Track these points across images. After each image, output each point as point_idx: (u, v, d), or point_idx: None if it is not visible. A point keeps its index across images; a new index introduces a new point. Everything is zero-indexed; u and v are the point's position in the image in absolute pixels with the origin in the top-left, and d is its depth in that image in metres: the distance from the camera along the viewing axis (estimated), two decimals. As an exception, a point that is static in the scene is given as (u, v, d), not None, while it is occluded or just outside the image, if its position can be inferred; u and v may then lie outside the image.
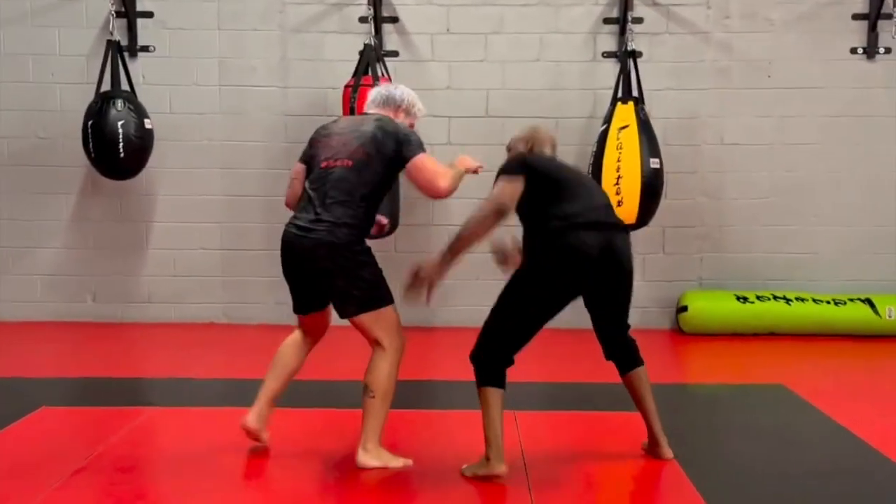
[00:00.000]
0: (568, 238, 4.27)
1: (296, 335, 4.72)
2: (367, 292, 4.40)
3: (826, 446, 4.94)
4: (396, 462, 4.50)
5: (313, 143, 4.71)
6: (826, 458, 4.74)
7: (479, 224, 4.35)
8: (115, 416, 5.26)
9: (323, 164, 4.53)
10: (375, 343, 4.46)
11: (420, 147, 4.47)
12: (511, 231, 4.57)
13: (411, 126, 4.70)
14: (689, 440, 4.87)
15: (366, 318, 4.41)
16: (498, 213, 4.33)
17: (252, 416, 4.62)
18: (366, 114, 4.72)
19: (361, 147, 4.44)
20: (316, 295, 4.56)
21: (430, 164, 4.44)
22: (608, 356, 4.68)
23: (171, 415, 5.36)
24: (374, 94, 4.74)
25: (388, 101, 4.68)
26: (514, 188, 4.35)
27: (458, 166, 4.59)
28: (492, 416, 4.35)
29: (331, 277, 4.38)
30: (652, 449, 4.66)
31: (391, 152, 4.43)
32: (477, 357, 4.42)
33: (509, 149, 4.83)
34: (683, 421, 5.23)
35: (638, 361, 4.64)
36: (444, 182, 4.41)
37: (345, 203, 4.40)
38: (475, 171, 4.70)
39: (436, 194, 4.45)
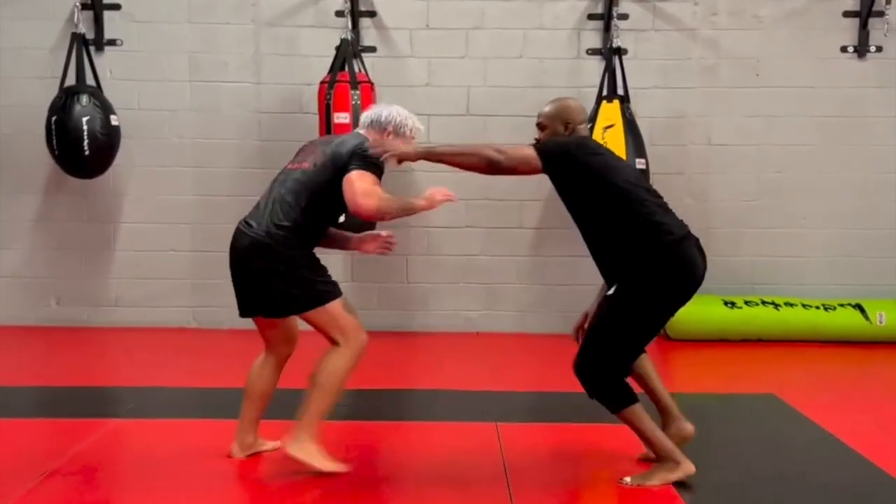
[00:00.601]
0: (686, 253, 4.19)
1: (259, 357, 4.57)
2: (308, 290, 4.28)
3: (821, 460, 4.72)
4: (325, 465, 4.28)
5: (298, 151, 4.63)
6: (822, 473, 4.51)
7: (467, 156, 4.17)
8: (74, 428, 4.97)
9: (287, 167, 4.50)
10: (333, 342, 4.35)
11: (366, 166, 4.27)
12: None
13: None
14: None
15: (315, 317, 4.30)
16: (490, 164, 4.11)
17: (236, 448, 4.54)
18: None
19: (322, 153, 4.39)
20: (253, 296, 4.35)
21: (361, 181, 4.24)
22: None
23: (136, 427, 5.07)
24: (363, 115, 4.63)
25: (374, 124, 4.53)
26: (530, 161, 4.11)
27: (425, 200, 4.37)
28: (650, 427, 4.19)
29: (266, 278, 4.27)
30: (671, 428, 4.45)
31: (342, 164, 4.30)
32: (601, 387, 4.17)
33: (542, 126, 4.46)
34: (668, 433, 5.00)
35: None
36: (365, 200, 4.20)
37: (290, 205, 4.30)
38: (449, 201, 4.44)
39: (355, 210, 4.25)
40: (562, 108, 4.44)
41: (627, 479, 4.21)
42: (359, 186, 4.21)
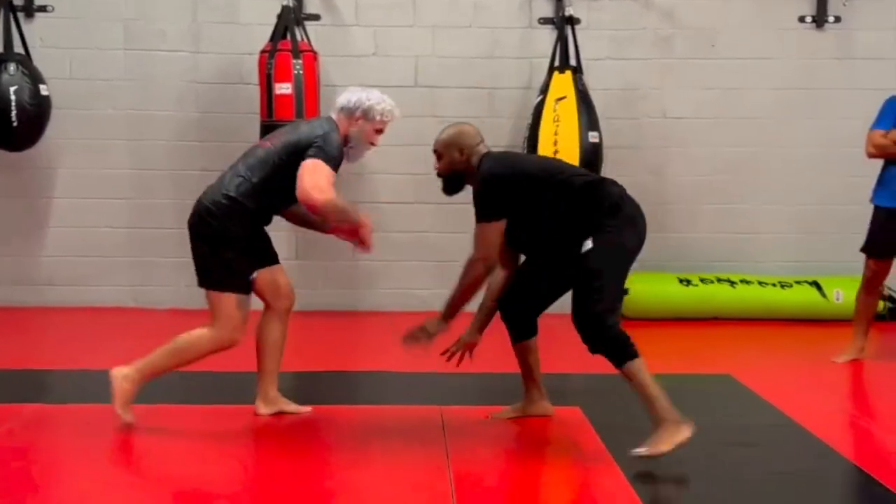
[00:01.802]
0: (633, 204, 4.37)
1: (263, 312, 4.65)
2: (215, 271, 4.40)
3: (777, 443, 4.51)
4: (121, 407, 4.41)
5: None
6: (779, 457, 4.32)
7: (468, 287, 4.41)
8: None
9: (254, 144, 4.69)
10: (211, 321, 4.45)
11: (324, 157, 4.30)
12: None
13: (379, 132, 4.56)
14: (628, 438, 4.43)
15: (209, 295, 4.44)
16: (488, 271, 4.37)
17: (260, 404, 4.67)
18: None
19: (288, 134, 4.46)
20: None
21: (315, 172, 4.27)
22: (519, 321, 4.66)
23: (60, 412, 4.77)
24: (337, 99, 4.62)
25: (343, 109, 4.53)
26: (497, 234, 4.29)
27: (351, 210, 4.38)
28: (656, 384, 4.13)
29: (200, 241, 4.43)
30: (534, 406, 4.69)
31: (303, 148, 4.34)
32: (608, 339, 4.14)
33: (438, 154, 4.51)
34: (623, 416, 4.79)
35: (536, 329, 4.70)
36: (316, 194, 4.24)
37: (243, 178, 4.39)
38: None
39: (303, 198, 4.27)
40: (455, 134, 4.49)
41: (640, 449, 4.03)
42: (312, 178, 4.24)
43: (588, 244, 4.20)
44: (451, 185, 4.52)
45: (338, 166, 4.39)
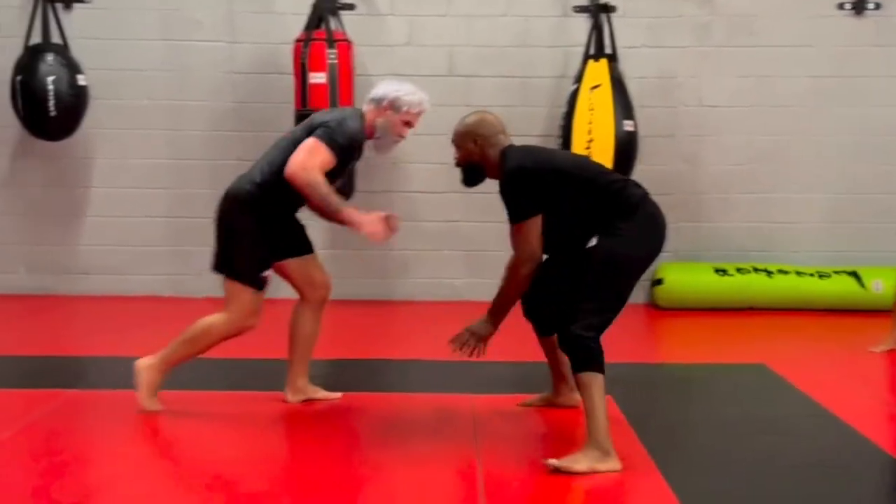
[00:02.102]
0: (653, 210, 4.19)
1: (296, 304, 4.66)
2: (235, 259, 4.39)
3: (811, 433, 4.46)
4: (146, 398, 4.45)
5: None
6: (811, 448, 4.27)
7: (515, 289, 4.28)
8: (25, 399, 4.72)
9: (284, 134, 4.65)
10: (225, 306, 4.46)
11: (327, 140, 4.30)
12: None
13: (407, 125, 4.54)
14: (660, 427, 4.44)
15: (224, 284, 4.44)
16: (532, 271, 4.23)
17: (289, 393, 4.68)
18: None
19: (309, 120, 4.50)
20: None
21: (310, 152, 4.28)
22: (542, 316, 4.57)
23: (95, 398, 4.82)
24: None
25: (372, 100, 4.53)
26: (536, 230, 4.17)
27: (335, 203, 4.32)
28: (603, 405, 3.96)
29: (218, 227, 4.45)
30: (561, 397, 4.66)
31: (314, 129, 4.38)
32: (579, 337, 3.99)
33: (456, 145, 4.39)
34: (656, 405, 4.80)
35: None
36: (300, 171, 4.25)
37: (269, 164, 4.41)
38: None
39: (288, 172, 4.28)
40: (471, 124, 4.35)
41: (553, 460, 3.89)
42: (304, 157, 4.25)
43: (594, 241, 4.19)
44: (469, 176, 4.40)
45: (343, 155, 4.34)
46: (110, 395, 4.83)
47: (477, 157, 4.32)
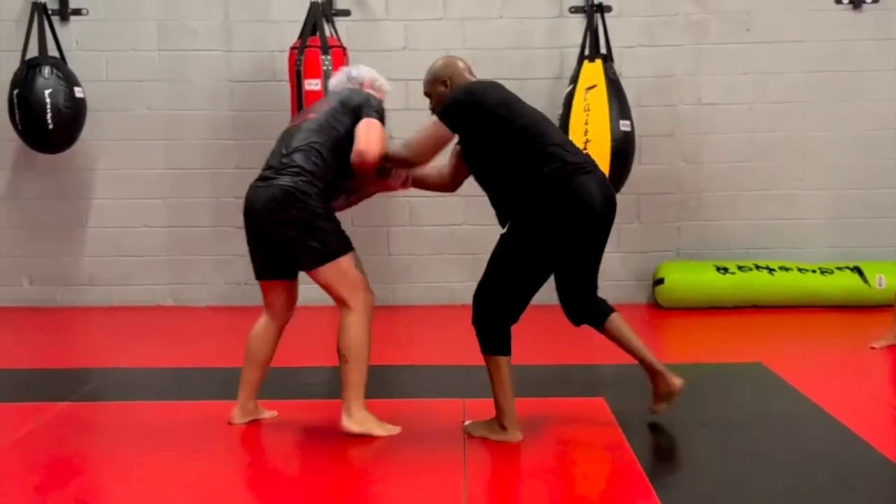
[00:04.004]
0: (571, 183, 4.06)
1: (261, 321, 4.52)
2: (325, 243, 4.25)
3: (803, 432, 4.41)
4: (381, 430, 4.33)
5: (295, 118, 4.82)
6: (802, 446, 4.23)
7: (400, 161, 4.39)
8: (17, 413, 4.73)
9: (291, 126, 4.56)
10: (341, 303, 4.31)
11: (377, 114, 4.41)
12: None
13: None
14: (648, 429, 4.42)
15: (326, 273, 4.26)
16: (407, 164, 4.36)
17: (237, 413, 4.49)
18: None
19: (327, 103, 4.49)
20: (275, 253, 4.36)
21: (375, 128, 4.34)
22: (579, 320, 4.42)
23: (87, 410, 4.85)
24: (334, 79, 4.77)
25: (351, 80, 4.66)
26: (438, 142, 4.22)
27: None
28: (504, 384, 4.18)
29: (286, 227, 4.23)
30: (661, 384, 4.37)
31: (355, 106, 4.42)
32: (482, 323, 4.19)
33: (427, 94, 4.48)
34: (645, 407, 4.74)
35: (611, 308, 4.41)
36: (368, 149, 4.30)
37: (304, 151, 4.31)
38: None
39: (359, 156, 4.30)
40: (436, 69, 4.44)
41: (467, 422, 4.34)
42: (368, 134, 4.30)
43: (505, 228, 4.20)
44: None
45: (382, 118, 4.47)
46: (110, 407, 4.84)
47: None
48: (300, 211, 4.20)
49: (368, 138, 4.30)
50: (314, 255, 4.25)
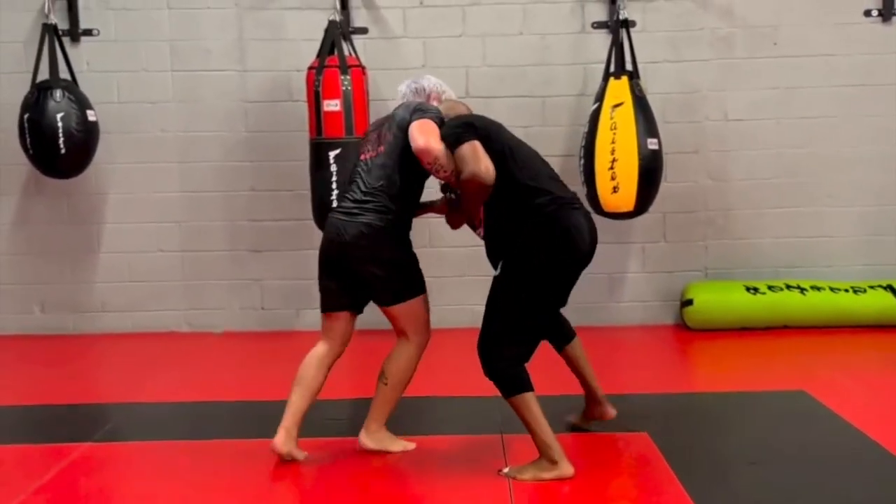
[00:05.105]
0: (563, 221, 4.11)
1: (318, 349, 4.49)
2: (406, 281, 4.39)
3: (857, 471, 4.22)
4: (396, 446, 4.49)
5: (364, 140, 4.68)
6: (857, 488, 4.04)
7: (472, 200, 4.25)
8: (39, 455, 4.55)
9: (361, 158, 4.53)
10: (401, 333, 4.46)
11: (429, 116, 4.33)
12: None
13: None
14: (699, 465, 4.24)
15: (399, 310, 4.40)
16: (487, 183, 4.10)
17: (280, 438, 4.36)
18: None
19: (390, 132, 4.43)
20: (353, 286, 4.42)
21: (424, 126, 4.27)
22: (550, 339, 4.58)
23: (111, 452, 4.66)
24: (400, 90, 4.73)
25: (417, 92, 4.65)
26: (482, 150, 4.12)
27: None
28: (539, 419, 4.08)
29: (371, 265, 4.31)
30: (593, 410, 4.65)
31: (407, 125, 4.34)
32: (496, 371, 4.13)
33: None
34: (690, 442, 4.58)
35: (573, 332, 4.63)
36: (428, 142, 4.21)
37: (385, 188, 4.34)
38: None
39: (417, 147, 4.24)
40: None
41: (506, 469, 4.17)
42: (421, 131, 4.23)
43: (498, 269, 4.16)
44: None
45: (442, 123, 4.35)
46: (135, 448, 4.67)
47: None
48: (388, 251, 4.32)
49: (423, 134, 4.21)
50: (392, 294, 4.37)
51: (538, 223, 4.08)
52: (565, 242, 4.09)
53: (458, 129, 4.20)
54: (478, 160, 4.06)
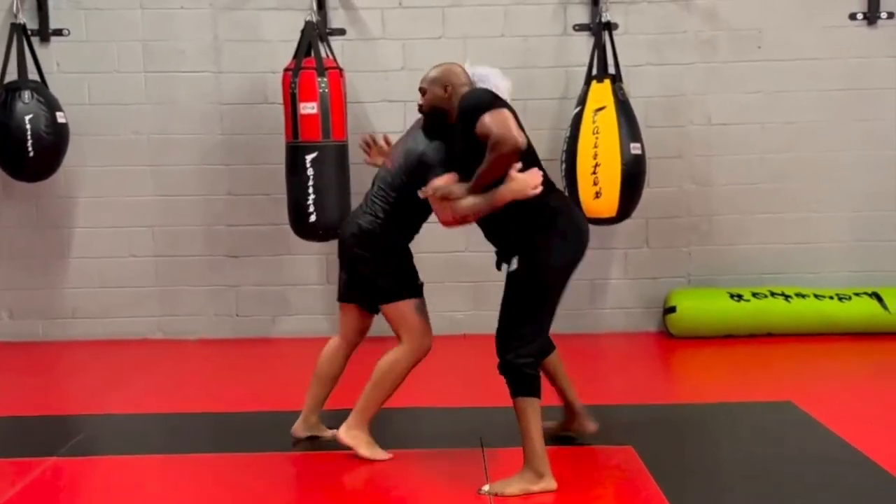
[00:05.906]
0: (577, 218, 4.24)
1: (332, 342, 4.74)
2: (390, 284, 4.48)
3: (846, 485, 4.14)
4: (367, 451, 4.48)
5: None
6: (850, 499, 3.96)
7: (495, 166, 4.01)
8: (1, 471, 4.39)
9: (385, 163, 4.67)
10: (398, 338, 4.53)
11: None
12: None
13: None
14: (684, 482, 4.13)
15: (388, 311, 4.51)
16: (515, 150, 3.97)
17: (299, 425, 4.71)
18: None
19: (401, 156, 4.50)
20: (351, 283, 4.61)
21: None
22: None
23: (78, 467, 4.50)
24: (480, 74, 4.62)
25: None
26: (511, 119, 4.03)
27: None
28: (539, 427, 4.06)
29: (358, 263, 4.50)
30: (571, 424, 4.64)
31: (416, 158, 4.42)
32: (514, 368, 4.07)
33: (423, 90, 4.44)
34: (676, 455, 4.47)
35: (552, 343, 4.52)
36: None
37: (382, 200, 4.49)
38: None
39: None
40: (442, 72, 4.43)
41: (486, 487, 4.05)
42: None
43: (514, 264, 4.10)
44: (432, 122, 4.39)
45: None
46: (105, 462, 4.51)
47: (444, 103, 4.32)
48: (375, 252, 4.44)
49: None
50: (379, 294, 4.50)
51: (558, 220, 4.11)
52: (580, 240, 4.18)
53: (490, 94, 4.17)
54: (511, 127, 3.98)
